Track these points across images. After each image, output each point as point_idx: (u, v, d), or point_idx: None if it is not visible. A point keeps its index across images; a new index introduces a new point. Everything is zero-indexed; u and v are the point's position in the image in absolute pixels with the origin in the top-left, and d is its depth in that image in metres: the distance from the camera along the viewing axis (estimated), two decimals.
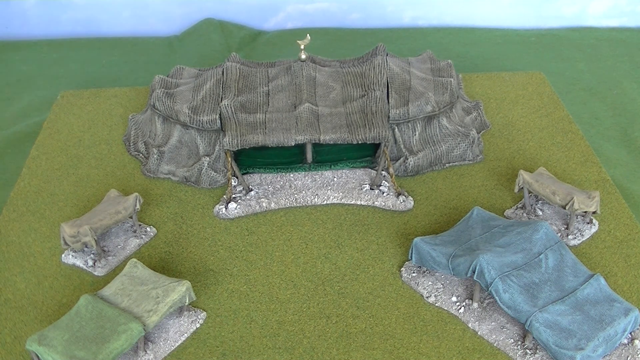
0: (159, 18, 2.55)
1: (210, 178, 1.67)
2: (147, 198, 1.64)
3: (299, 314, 1.36)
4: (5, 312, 1.37)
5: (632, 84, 2.19)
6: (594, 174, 1.71)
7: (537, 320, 1.23)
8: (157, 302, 1.27)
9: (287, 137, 1.63)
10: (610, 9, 2.56)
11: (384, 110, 1.67)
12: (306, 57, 1.78)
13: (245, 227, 1.57)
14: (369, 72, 1.75)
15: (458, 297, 1.37)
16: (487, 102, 1.99)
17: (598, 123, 2.00)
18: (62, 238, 1.44)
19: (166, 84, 1.79)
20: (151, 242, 1.53)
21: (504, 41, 2.46)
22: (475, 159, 1.76)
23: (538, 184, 1.53)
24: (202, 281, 1.43)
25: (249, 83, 1.76)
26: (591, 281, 1.30)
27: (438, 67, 1.86)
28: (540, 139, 1.84)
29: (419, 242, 1.40)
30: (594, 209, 1.49)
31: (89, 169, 1.75)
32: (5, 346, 1.30)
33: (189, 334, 1.32)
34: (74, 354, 1.18)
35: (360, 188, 1.65)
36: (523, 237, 1.36)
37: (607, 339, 1.22)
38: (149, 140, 1.77)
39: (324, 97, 1.72)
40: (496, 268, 1.29)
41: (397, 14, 2.58)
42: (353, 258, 1.49)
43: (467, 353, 1.28)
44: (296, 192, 1.64)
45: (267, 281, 1.43)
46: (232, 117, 1.65)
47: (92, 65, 2.36)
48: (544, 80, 2.11)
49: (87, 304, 1.27)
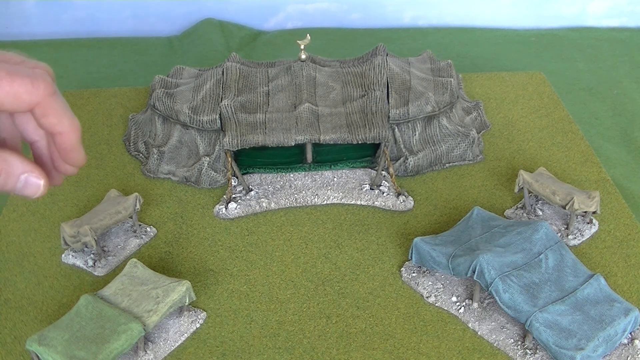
0: (159, 18, 2.55)
1: (210, 178, 1.67)
2: (147, 198, 1.64)
3: (299, 314, 1.36)
4: (5, 312, 1.37)
5: (632, 84, 2.19)
6: (594, 174, 1.71)
7: (537, 320, 1.23)
8: (157, 302, 1.27)
9: (287, 137, 1.63)
10: (610, 9, 2.56)
11: (384, 110, 1.67)
12: (306, 57, 1.78)
13: (245, 227, 1.57)
14: (369, 72, 1.76)
15: (458, 297, 1.37)
16: (487, 102, 1.99)
17: (598, 123, 2.00)
18: (62, 238, 1.44)
19: (166, 84, 1.79)
20: (151, 242, 1.54)
21: (504, 41, 2.47)
22: (475, 159, 1.76)
23: (538, 184, 1.53)
24: (202, 281, 1.43)
25: (249, 83, 1.76)
26: (591, 281, 1.30)
27: (438, 67, 1.86)
28: (540, 139, 1.84)
29: (419, 242, 1.40)
30: (594, 209, 1.49)
31: (89, 169, 1.75)
32: (5, 346, 1.30)
33: (189, 334, 1.32)
34: (74, 354, 1.18)
35: (360, 188, 1.65)
36: (523, 237, 1.36)
37: (607, 339, 1.22)
38: (149, 140, 1.77)
39: (324, 97, 1.72)
40: (496, 268, 1.29)
41: (397, 14, 2.58)
42: (353, 258, 1.49)
43: (467, 353, 1.28)
44: (296, 192, 1.64)
45: (267, 281, 1.43)
46: (232, 117, 1.65)
47: (92, 65, 2.36)
48: (544, 80, 2.11)
49: (87, 304, 1.27)
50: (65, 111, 0.73)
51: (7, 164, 0.71)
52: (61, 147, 0.76)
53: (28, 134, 0.79)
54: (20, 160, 0.72)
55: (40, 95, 0.70)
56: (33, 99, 0.70)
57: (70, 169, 0.79)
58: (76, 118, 0.75)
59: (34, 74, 0.70)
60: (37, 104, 0.71)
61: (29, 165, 0.73)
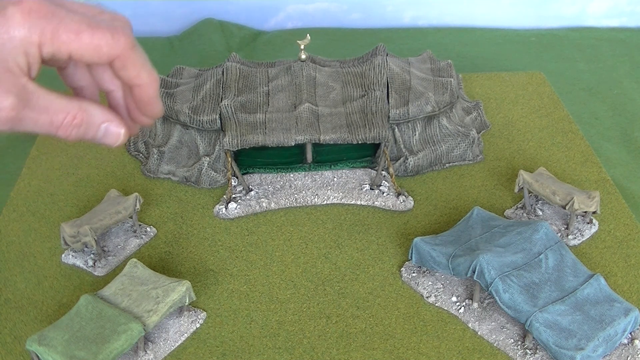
0: (159, 18, 2.55)
1: (210, 178, 1.67)
2: (147, 198, 1.64)
3: (299, 314, 1.36)
4: (5, 312, 1.37)
5: (632, 84, 2.19)
6: (594, 174, 1.71)
7: (537, 320, 1.23)
8: (157, 302, 1.27)
9: (287, 137, 1.63)
10: (610, 9, 2.56)
11: (384, 110, 1.67)
12: (306, 57, 1.78)
13: (245, 227, 1.57)
14: (369, 72, 1.75)
15: (458, 297, 1.37)
16: (487, 102, 1.99)
17: (598, 123, 2.00)
18: (62, 238, 1.44)
19: (166, 84, 1.79)
20: (151, 242, 1.53)
21: (504, 41, 2.47)
22: (475, 159, 1.76)
23: (538, 184, 1.53)
24: (202, 281, 1.43)
25: (249, 83, 1.76)
26: (591, 281, 1.30)
27: (438, 67, 1.86)
28: (540, 139, 1.84)
29: (419, 242, 1.40)
30: (594, 209, 1.49)
31: (89, 169, 1.75)
32: (5, 346, 1.30)
33: (189, 334, 1.32)
34: (74, 354, 1.18)
35: (360, 188, 1.65)
36: (523, 237, 1.36)
37: (607, 339, 1.22)
38: (149, 140, 1.77)
39: (324, 97, 1.72)
40: (496, 268, 1.29)
41: (397, 14, 2.58)
42: (353, 258, 1.49)
43: (467, 353, 1.28)
44: (296, 192, 1.64)
45: (267, 281, 1.43)
46: (232, 117, 1.65)
47: None
48: (544, 80, 2.11)
49: (87, 304, 1.27)
50: (144, 64, 0.73)
51: (87, 113, 0.72)
52: (139, 98, 0.75)
53: (104, 84, 0.79)
54: (100, 109, 0.73)
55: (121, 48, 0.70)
56: (113, 52, 0.70)
57: (147, 120, 0.79)
58: (155, 71, 0.74)
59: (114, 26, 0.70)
60: (116, 57, 0.70)
61: (109, 115, 0.73)
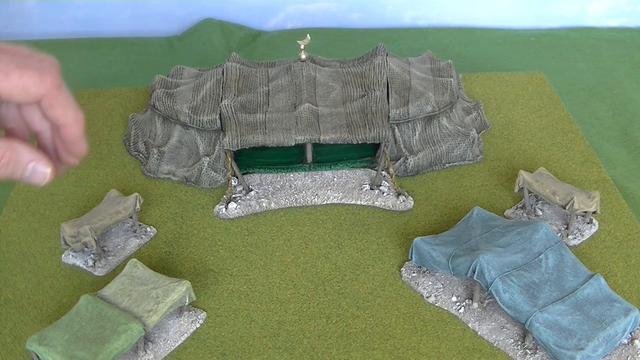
0: (159, 18, 2.55)
1: (210, 178, 1.67)
2: (147, 198, 1.64)
3: (299, 314, 1.36)
4: (5, 312, 1.37)
5: (632, 84, 2.19)
6: (594, 174, 1.71)
7: (537, 320, 1.23)
8: (157, 302, 1.27)
9: (287, 137, 1.63)
10: (610, 9, 2.56)
11: (384, 110, 1.67)
12: (306, 57, 1.78)
13: (245, 227, 1.57)
14: (369, 72, 1.75)
15: (458, 297, 1.37)
16: (487, 102, 1.99)
17: (598, 123, 2.00)
18: (62, 238, 1.44)
19: (166, 84, 1.79)
20: (151, 242, 1.53)
21: (504, 41, 2.47)
22: (475, 159, 1.76)
23: (538, 184, 1.53)
24: (202, 281, 1.43)
25: (249, 83, 1.76)
26: (591, 281, 1.30)
27: (438, 67, 1.86)
28: (540, 139, 1.84)
29: (419, 242, 1.40)
30: (594, 209, 1.49)
31: (89, 169, 1.75)
32: (5, 346, 1.30)
33: (189, 334, 1.32)
34: (74, 354, 1.18)
35: (360, 188, 1.65)
36: (523, 237, 1.36)
37: (607, 339, 1.22)
38: (149, 140, 1.77)
39: (324, 97, 1.72)
40: (496, 268, 1.29)
41: (397, 14, 2.58)
42: (353, 258, 1.49)
43: (467, 353, 1.28)
44: (296, 192, 1.64)
45: (267, 281, 1.43)
46: (232, 117, 1.65)
47: (92, 65, 2.36)
48: (544, 80, 2.11)
49: (87, 304, 1.27)
50: (70, 104, 0.77)
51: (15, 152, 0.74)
52: (65, 138, 0.79)
53: (34, 125, 0.81)
54: (28, 149, 0.75)
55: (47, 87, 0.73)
56: (40, 91, 0.73)
57: (73, 160, 0.82)
58: (80, 111, 0.78)
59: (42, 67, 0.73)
60: (44, 96, 0.74)
61: (36, 154, 0.76)
